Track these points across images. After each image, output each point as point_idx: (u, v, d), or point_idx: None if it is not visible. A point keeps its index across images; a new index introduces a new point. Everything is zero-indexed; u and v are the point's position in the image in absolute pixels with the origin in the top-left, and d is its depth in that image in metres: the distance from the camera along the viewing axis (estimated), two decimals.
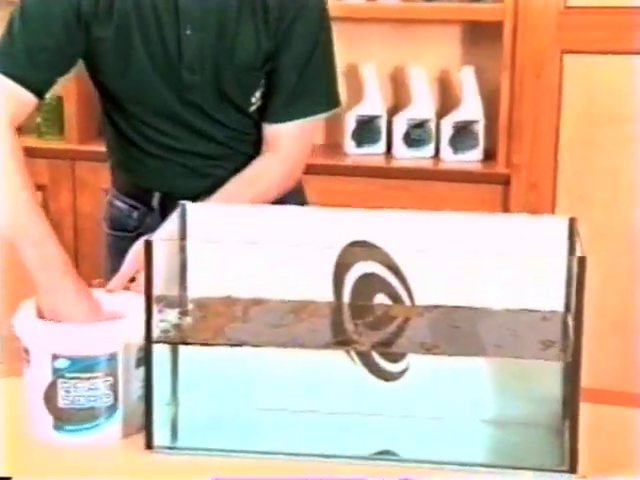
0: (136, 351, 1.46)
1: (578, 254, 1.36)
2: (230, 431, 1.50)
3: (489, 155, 3.06)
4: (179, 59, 1.82)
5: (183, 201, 1.57)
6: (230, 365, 1.49)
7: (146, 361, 1.42)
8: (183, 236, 1.56)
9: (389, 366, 1.49)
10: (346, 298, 1.48)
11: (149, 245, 1.39)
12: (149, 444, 1.43)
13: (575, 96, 2.87)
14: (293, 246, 1.46)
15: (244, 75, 1.85)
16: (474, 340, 1.44)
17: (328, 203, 1.72)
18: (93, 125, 3.21)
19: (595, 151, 2.87)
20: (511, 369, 1.46)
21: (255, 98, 1.89)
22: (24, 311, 1.53)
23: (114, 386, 1.46)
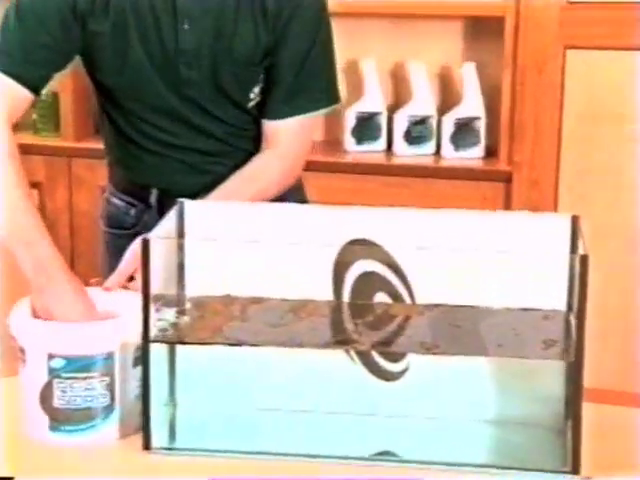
0: (133, 350, 1.46)
1: (580, 252, 1.36)
2: (229, 431, 1.50)
3: (490, 152, 3.06)
4: (176, 54, 1.82)
5: (181, 199, 1.58)
6: (228, 365, 1.50)
7: (143, 361, 1.42)
8: (181, 234, 1.56)
9: (389, 366, 1.49)
10: (346, 297, 1.48)
11: (146, 243, 1.39)
12: (146, 445, 1.43)
13: (578, 93, 2.87)
14: (292, 244, 1.46)
15: (242, 70, 1.85)
16: (475, 339, 1.44)
17: (327, 201, 1.72)
18: (89, 122, 3.21)
19: (598, 149, 2.87)
20: (513, 369, 1.46)
21: (254, 94, 1.89)
22: (20, 310, 1.53)
23: (111, 386, 1.46)
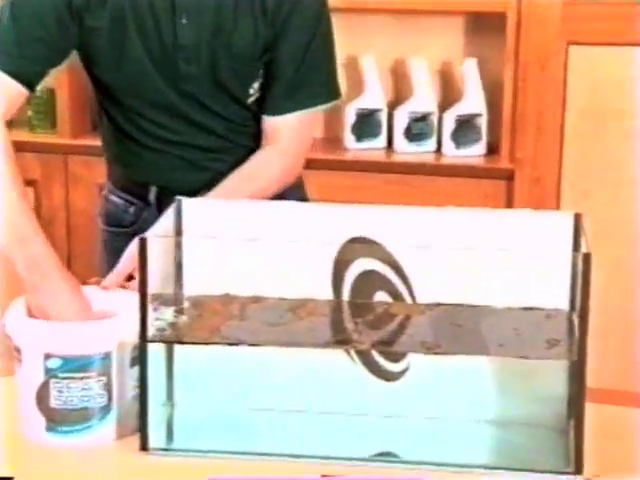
0: (131, 350, 1.46)
1: (583, 250, 1.36)
2: (227, 432, 1.50)
3: (492, 149, 3.06)
4: (175, 49, 1.82)
5: (179, 196, 1.58)
6: (227, 365, 1.50)
7: (141, 360, 1.42)
8: (179, 232, 1.56)
9: (390, 365, 1.49)
10: (346, 296, 1.48)
11: (144, 242, 1.39)
12: (144, 446, 1.43)
13: (580, 89, 2.87)
14: (291, 242, 1.46)
15: (242, 65, 1.85)
16: (477, 339, 1.44)
17: (327, 198, 1.72)
18: (86, 118, 3.21)
19: (601, 145, 2.87)
20: (515, 368, 1.46)
21: (253, 89, 1.89)
22: (15, 310, 1.52)
23: (108, 386, 1.46)
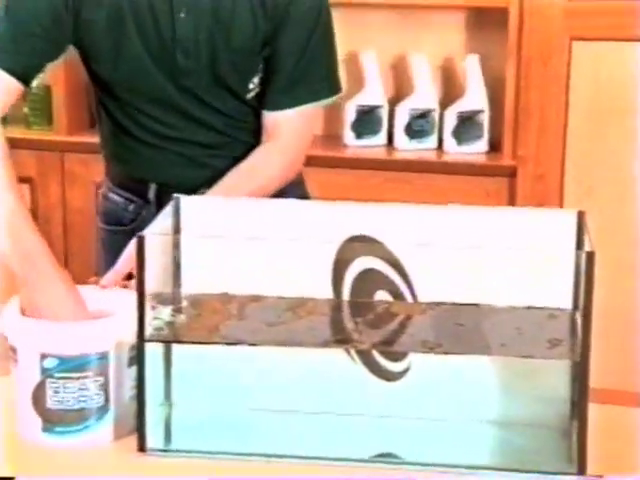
0: (128, 350, 1.46)
1: (587, 249, 1.36)
2: (226, 433, 1.50)
3: (494, 146, 3.06)
4: (173, 43, 1.82)
5: (177, 194, 1.58)
6: (226, 364, 1.50)
7: (138, 360, 1.42)
8: (177, 231, 1.56)
9: (390, 365, 1.49)
10: (346, 295, 1.48)
11: (141, 240, 1.40)
12: (142, 446, 1.43)
13: (584, 85, 2.87)
14: (291, 241, 1.46)
15: (241, 60, 1.85)
16: (478, 338, 1.44)
17: (327, 196, 1.72)
18: (83, 115, 3.21)
19: (604, 142, 2.88)
20: (517, 368, 1.47)
21: (253, 84, 1.89)
22: (10, 309, 1.53)
23: (105, 386, 1.46)
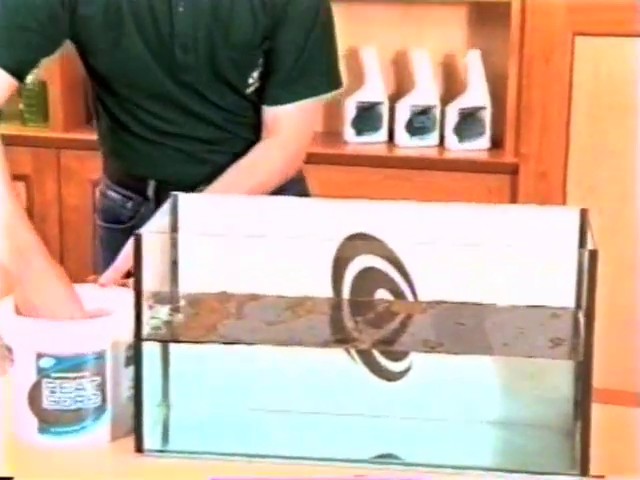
0: (125, 349, 1.46)
1: (589, 247, 1.36)
2: (224, 433, 1.50)
3: (496, 143, 3.06)
4: (171, 38, 1.82)
5: (175, 192, 1.57)
6: (224, 364, 1.50)
7: (136, 360, 1.42)
8: (175, 229, 1.56)
9: (391, 365, 1.49)
10: (346, 294, 1.48)
11: (139, 239, 1.39)
12: (139, 447, 1.43)
13: (587, 81, 2.87)
14: (290, 239, 1.46)
15: (240, 54, 1.85)
16: (480, 338, 1.44)
17: (327, 194, 1.73)
18: (79, 111, 3.21)
19: (607, 139, 2.88)
20: (519, 368, 1.47)
21: (252, 79, 1.89)
22: (5, 307, 1.52)
23: (102, 386, 1.46)
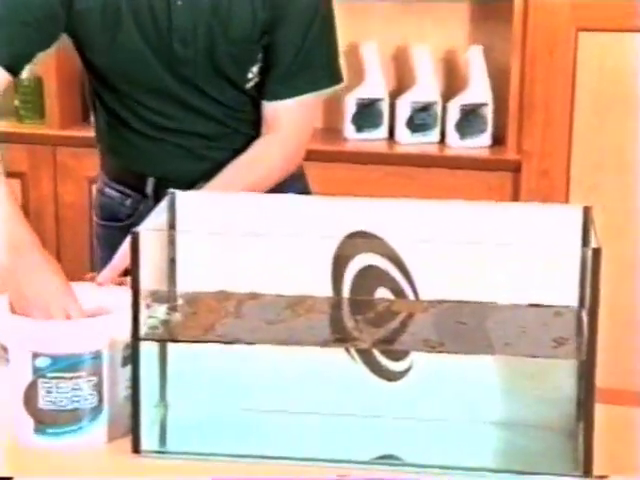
0: (122, 349, 1.46)
1: (593, 245, 1.36)
2: (223, 434, 1.50)
3: (498, 140, 3.06)
4: (170, 32, 1.82)
5: (173, 189, 1.57)
6: (222, 364, 1.50)
7: (133, 359, 1.42)
8: (172, 227, 1.56)
9: (391, 365, 1.49)
10: (346, 292, 1.48)
11: (136, 237, 1.39)
12: (136, 448, 1.43)
13: (590, 77, 2.87)
14: (289, 237, 1.46)
15: (239, 49, 1.85)
16: (482, 337, 1.44)
17: (326, 191, 1.72)
18: (76, 108, 3.20)
19: (611, 136, 2.87)
20: (521, 368, 1.47)
21: (252, 74, 1.89)
22: (0, 306, 1.52)
23: (99, 386, 1.46)
